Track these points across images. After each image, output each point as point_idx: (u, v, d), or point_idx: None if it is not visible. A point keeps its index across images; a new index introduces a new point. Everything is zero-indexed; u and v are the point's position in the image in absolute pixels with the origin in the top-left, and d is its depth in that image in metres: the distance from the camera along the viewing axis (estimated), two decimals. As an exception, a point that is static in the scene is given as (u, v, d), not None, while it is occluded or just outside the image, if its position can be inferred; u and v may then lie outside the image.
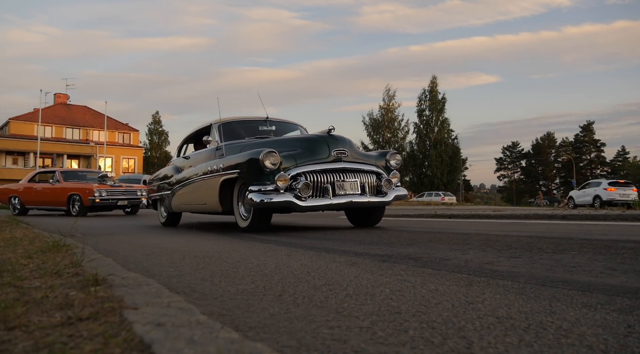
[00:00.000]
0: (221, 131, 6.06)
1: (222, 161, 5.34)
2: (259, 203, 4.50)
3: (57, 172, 13.15)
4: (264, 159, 4.55)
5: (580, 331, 1.13)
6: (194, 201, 6.07)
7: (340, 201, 4.71)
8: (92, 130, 49.16)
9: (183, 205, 6.49)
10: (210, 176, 5.52)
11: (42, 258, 2.32)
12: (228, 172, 5.10)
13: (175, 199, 6.65)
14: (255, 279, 1.98)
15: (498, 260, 2.39)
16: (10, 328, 1.07)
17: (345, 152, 4.94)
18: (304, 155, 4.82)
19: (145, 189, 13.08)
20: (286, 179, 4.57)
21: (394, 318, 1.29)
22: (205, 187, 5.63)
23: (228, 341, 0.92)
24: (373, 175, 5.07)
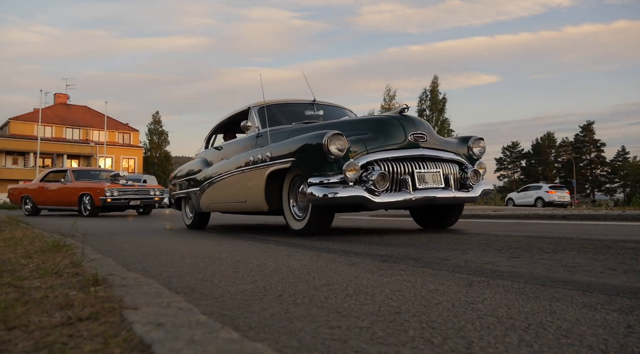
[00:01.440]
0: (263, 115, 5.14)
1: (268, 149, 4.48)
2: (321, 199, 3.68)
3: (69, 172, 12.79)
4: (329, 143, 3.71)
5: (580, 331, 1.13)
6: (230, 198, 5.21)
7: (421, 195, 3.88)
8: (92, 130, 49.17)
9: (215, 204, 5.62)
10: (252, 168, 4.70)
11: (42, 258, 2.32)
12: (278, 161, 4.26)
13: (204, 197, 5.78)
14: (255, 279, 1.98)
15: (498, 260, 2.39)
16: (10, 328, 1.07)
17: (424, 136, 4.10)
18: (375, 139, 3.97)
19: (155, 187, 12.71)
20: (357, 169, 3.73)
21: (394, 318, 1.29)
22: (245, 181, 4.83)
23: (228, 341, 0.92)
24: (455, 165, 4.24)
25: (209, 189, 5.68)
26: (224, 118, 6.29)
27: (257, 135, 5.07)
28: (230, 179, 5.18)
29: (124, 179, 12.15)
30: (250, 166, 4.75)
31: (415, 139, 4.04)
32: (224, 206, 5.48)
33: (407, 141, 4.01)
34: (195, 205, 6.07)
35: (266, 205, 4.50)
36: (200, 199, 5.88)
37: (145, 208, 12.66)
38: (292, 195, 4.36)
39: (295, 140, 4.20)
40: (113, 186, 11.46)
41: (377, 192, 3.75)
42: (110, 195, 11.20)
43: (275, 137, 4.67)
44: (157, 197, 12.21)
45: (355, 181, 3.76)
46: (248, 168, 4.79)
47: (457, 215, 4.81)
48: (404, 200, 3.84)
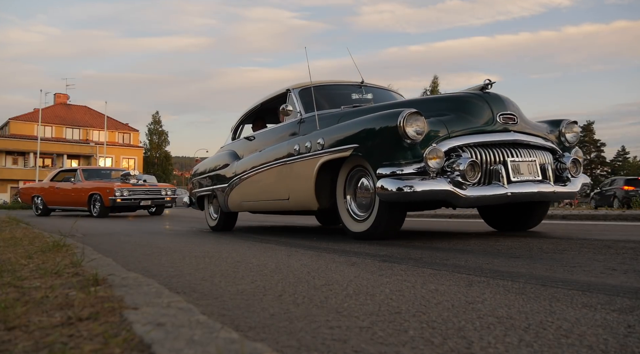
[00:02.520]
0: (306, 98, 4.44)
1: (319, 135, 3.82)
2: (394, 194, 3.03)
3: (79, 171, 12.49)
4: (405, 124, 3.05)
5: (580, 331, 1.13)
6: (267, 195, 4.56)
7: (517, 190, 3.20)
8: (92, 130, 49.17)
9: (247, 202, 4.96)
10: (297, 159, 4.03)
11: (42, 258, 2.32)
12: (333, 150, 3.60)
13: (234, 195, 5.13)
14: (255, 279, 1.98)
15: (498, 260, 2.39)
16: (10, 328, 1.07)
17: (514, 117, 3.42)
18: (457, 121, 3.29)
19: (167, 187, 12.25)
20: (441, 156, 3.08)
21: (394, 318, 1.29)
22: (287, 175, 4.17)
23: (228, 341, 0.92)
24: (548, 153, 3.56)
25: (240, 185, 5.02)
26: (255, 105, 5.54)
27: (299, 121, 4.36)
28: (268, 173, 4.50)
29: (134, 178, 11.74)
30: (294, 156, 4.07)
31: (504, 121, 3.36)
32: (259, 204, 4.81)
33: (496, 122, 3.33)
34: (221, 204, 5.40)
35: (316, 203, 3.84)
36: (228, 197, 5.23)
37: (157, 208, 12.24)
38: (349, 190, 3.71)
39: (357, 122, 3.52)
40: (123, 186, 11.07)
41: (464, 186, 3.09)
42: (120, 195, 10.82)
43: (322, 123, 3.99)
44: (169, 197, 11.86)
45: (438, 171, 3.11)
46: (292, 159, 4.10)
47: (542, 214, 4.07)
48: (497, 195, 3.14)
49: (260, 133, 5.23)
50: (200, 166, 6.37)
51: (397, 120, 3.08)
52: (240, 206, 5.12)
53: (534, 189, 3.30)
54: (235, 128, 6.02)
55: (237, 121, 5.99)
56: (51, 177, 13.50)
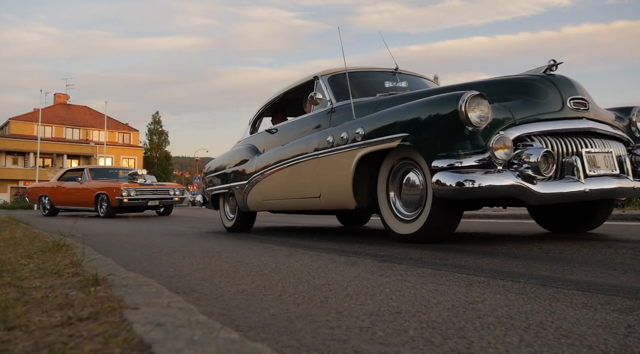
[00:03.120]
0: (338, 86, 4.10)
1: (357, 125, 3.42)
2: (454, 190, 2.66)
3: (86, 170, 12.18)
4: (467, 109, 2.67)
5: (580, 331, 1.13)
6: (295, 193, 4.16)
7: (596, 186, 2.79)
8: (92, 130, 49.20)
9: (270, 201, 4.57)
10: (331, 152, 3.62)
11: (42, 258, 2.32)
12: (376, 140, 3.20)
13: (254, 193, 4.73)
14: (255, 279, 1.98)
15: (498, 260, 2.39)
16: (10, 328, 1.07)
17: (586, 103, 3.03)
18: (523, 106, 2.90)
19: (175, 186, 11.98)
20: (509, 146, 2.68)
21: (394, 318, 1.29)
22: (319, 170, 3.76)
23: (228, 341, 0.92)
24: (621, 144, 3.16)
25: (261, 182, 4.61)
26: (276, 95, 5.12)
27: (329, 110, 3.98)
28: (294, 169, 4.10)
29: (142, 177, 11.44)
30: (327, 149, 3.66)
31: (575, 107, 2.96)
32: (283, 203, 4.41)
33: (566, 108, 2.93)
34: (240, 203, 5.01)
35: (353, 201, 3.45)
36: (247, 195, 4.83)
37: (165, 209, 11.96)
38: (393, 186, 3.33)
39: (407, 108, 3.13)
40: (130, 186, 10.82)
41: (535, 180, 2.68)
42: (127, 195, 10.55)
43: (357, 112, 3.62)
44: (177, 197, 11.60)
45: (505, 163, 2.71)
46: (324, 152, 3.70)
47: (606, 214, 3.64)
48: (574, 192, 2.74)
49: (283, 125, 4.79)
50: (215, 163, 5.99)
51: (458, 104, 2.69)
52: (261, 205, 4.71)
53: (613, 184, 2.86)
54: (253, 121, 5.56)
55: (256, 114, 5.54)
56: (58, 176, 13.25)
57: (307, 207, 4.14)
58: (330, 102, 4.03)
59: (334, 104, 4.00)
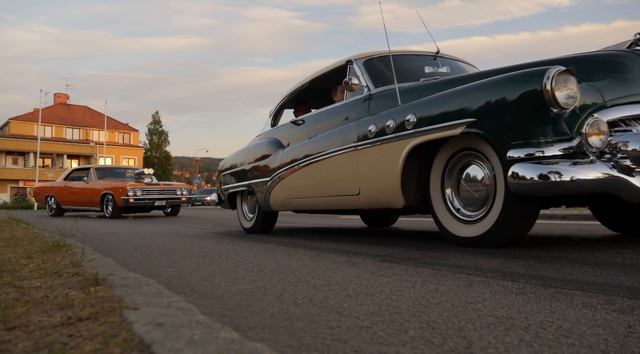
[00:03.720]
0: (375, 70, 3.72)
1: (408, 110, 3.01)
2: (538, 184, 2.28)
3: (92, 169, 11.90)
4: (554, 87, 2.29)
5: (580, 331, 1.13)
6: (328, 190, 3.75)
7: None
8: (92, 130, 49.23)
9: (297, 199, 4.18)
10: (375, 143, 3.20)
11: (42, 258, 2.32)
12: (433, 128, 2.79)
13: (278, 191, 4.34)
14: (255, 279, 1.98)
15: (498, 260, 2.39)
16: (10, 328, 1.07)
17: None
18: (613, 86, 2.52)
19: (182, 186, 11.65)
20: (604, 131, 2.31)
21: (394, 318, 1.29)
22: (359, 163, 3.35)
23: (228, 341, 0.92)
24: None
25: (287, 178, 4.21)
26: (301, 84, 4.68)
27: (366, 98, 3.57)
28: (328, 163, 3.69)
29: (149, 177, 11.19)
30: (369, 139, 3.25)
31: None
32: (313, 202, 4.01)
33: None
34: (262, 201, 4.61)
35: (401, 198, 3.06)
36: (270, 193, 4.45)
37: (172, 209, 11.69)
38: (450, 182, 2.94)
39: (473, 89, 2.71)
40: (136, 185, 10.55)
41: (635, 172, 2.29)
42: (132, 195, 10.28)
43: (408, 96, 3.23)
44: (184, 197, 11.36)
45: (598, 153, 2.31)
46: (365, 144, 3.29)
47: None
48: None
49: (311, 116, 4.37)
50: (231, 159, 5.59)
51: (542, 81, 2.30)
52: (286, 203, 4.31)
53: None
54: (275, 113, 5.13)
55: (277, 105, 5.11)
56: (65, 176, 12.98)
57: (343, 206, 3.71)
58: (367, 88, 3.60)
59: (371, 90, 3.57)
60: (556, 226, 5.17)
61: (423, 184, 3.08)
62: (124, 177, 12.05)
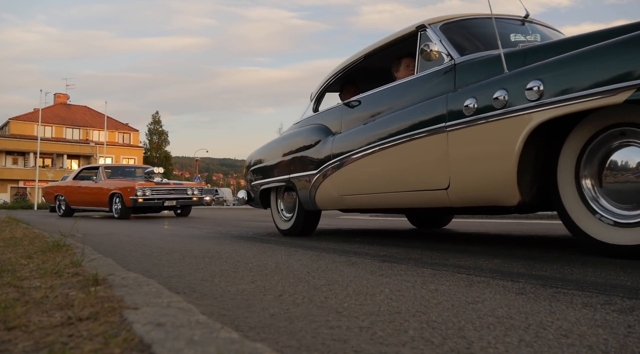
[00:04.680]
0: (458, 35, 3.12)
1: (527, 75, 2.33)
2: None
3: (101, 168, 11.50)
4: None
5: (580, 331, 1.13)
6: (403, 182, 3.03)
7: None
8: (92, 130, 49.25)
9: (355, 195, 3.50)
10: (476, 122, 2.51)
11: (42, 258, 2.32)
12: (574, 97, 2.10)
13: (328, 186, 3.70)
14: (255, 279, 1.98)
15: (498, 260, 2.39)
16: (10, 328, 1.07)
17: None
18: None
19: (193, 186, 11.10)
20: None
21: (394, 318, 1.29)
22: (451, 149, 2.64)
23: (228, 341, 0.92)
24: None
25: (341, 171, 3.55)
26: (351, 60, 4.01)
27: (449, 68, 2.91)
28: (402, 150, 2.99)
29: (159, 176, 10.72)
30: (467, 117, 2.56)
31: None
32: (379, 198, 3.29)
33: None
34: (304, 199, 3.99)
35: (516, 193, 2.39)
36: (317, 189, 3.81)
37: (183, 209, 11.25)
38: (589, 170, 2.30)
39: None
40: (145, 185, 10.12)
41: None
42: (142, 194, 9.85)
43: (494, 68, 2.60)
44: (196, 197, 10.92)
45: None
46: (460, 124, 2.59)
47: None
48: None
49: (371, 95, 3.63)
50: (263, 151, 4.94)
51: None
52: (337, 201, 3.68)
53: None
54: (317, 96, 4.46)
55: (321, 86, 4.43)
56: (74, 175, 12.62)
57: (423, 203, 2.99)
58: (449, 56, 2.94)
59: (455, 59, 2.91)
60: (556, 226, 5.17)
61: (540, 175, 2.46)
62: (134, 176, 11.70)
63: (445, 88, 2.88)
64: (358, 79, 4.40)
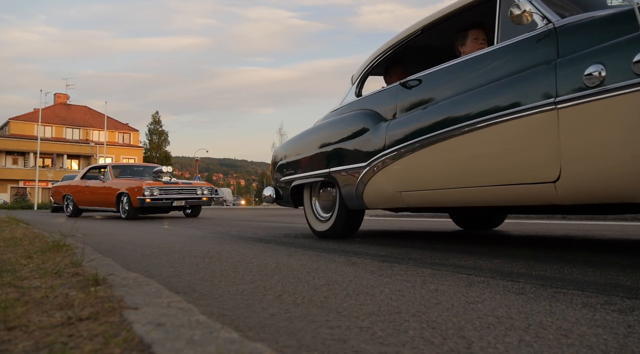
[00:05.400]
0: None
1: None
2: None
3: (109, 167, 11.08)
4: None
5: (580, 331, 1.13)
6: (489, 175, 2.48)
7: None
8: (92, 130, 49.26)
9: (418, 190, 2.95)
10: (603, 94, 1.93)
11: (42, 258, 2.32)
12: None
13: (381, 180, 3.20)
14: (255, 279, 1.98)
15: (498, 260, 2.39)
16: (10, 328, 1.07)
17: None
18: None
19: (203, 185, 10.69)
20: None
21: (394, 318, 1.29)
22: (564, 131, 2.10)
23: (228, 341, 0.92)
24: None
25: (401, 162, 3.03)
26: (406, 34, 3.42)
27: (544, 34, 2.37)
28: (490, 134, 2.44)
29: (167, 175, 10.31)
30: (588, 89, 2.00)
31: None
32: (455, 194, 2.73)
33: None
34: (349, 195, 3.52)
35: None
36: (367, 184, 3.32)
37: (192, 210, 10.85)
38: None
39: None
40: (153, 184, 9.73)
41: None
42: (149, 194, 9.48)
43: (608, 32, 2.08)
44: (205, 197, 10.54)
45: None
46: (579, 98, 2.05)
47: None
48: None
49: (436, 72, 3.05)
50: (294, 143, 4.43)
51: None
52: (394, 198, 3.16)
53: None
54: (361, 79, 3.93)
55: (364, 68, 3.90)
56: (82, 174, 12.27)
57: (517, 200, 2.45)
58: (546, 19, 2.41)
59: (554, 22, 2.38)
60: (556, 226, 5.17)
61: None
62: (143, 175, 11.27)
63: (543, 57, 2.34)
64: (407, 60, 3.86)
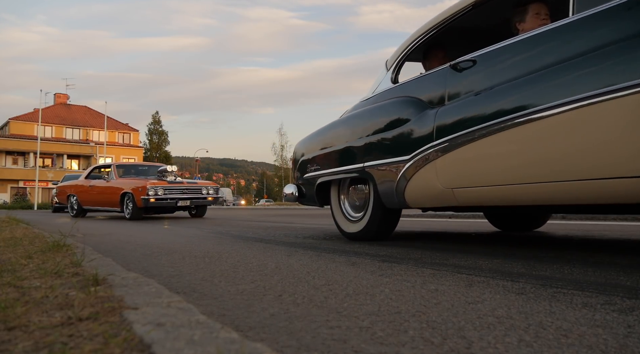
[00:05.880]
0: None
1: None
2: None
3: (113, 167, 10.92)
4: None
5: (580, 331, 1.13)
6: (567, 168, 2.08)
7: None
8: (92, 130, 49.28)
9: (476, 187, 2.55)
10: None
11: (42, 258, 2.32)
12: None
13: (428, 176, 2.82)
14: (255, 279, 1.98)
15: (498, 260, 2.39)
16: (10, 328, 1.07)
17: None
18: None
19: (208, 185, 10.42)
20: None
21: (394, 318, 1.29)
22: None
23: (228, 341, 0.92)
24: None
25: (454, 154, 2.64)
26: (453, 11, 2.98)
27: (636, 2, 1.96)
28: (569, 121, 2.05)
29: (172, 175, 10.10)
30: None
31: None
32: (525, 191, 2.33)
33: None
34: (387, 192, 3.16)
35: None
36: (410, 179, 2.95)
37: (198, 210, 10.69)
38: None
39: None
40: (157, 184, 9.54)
41: None
42: (153, 194, 9.30)
43: None
44: (211, 197, 10.35)
45: None
46: None
47: None
48: None
49: (493, 52, 2.62)
50: (318, 137, 4.08)
51: None
52: (445, 195, 2.78)
53: None
54: (398, 64, 3.51)
55: (401, 52, 3.49)
56: (86, 174, 12.04)
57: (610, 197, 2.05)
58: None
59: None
60: (556, 226, 5.17)
61: None
62: (148, 175, 11.09)
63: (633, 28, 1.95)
64: (449, 41, 3.51)
